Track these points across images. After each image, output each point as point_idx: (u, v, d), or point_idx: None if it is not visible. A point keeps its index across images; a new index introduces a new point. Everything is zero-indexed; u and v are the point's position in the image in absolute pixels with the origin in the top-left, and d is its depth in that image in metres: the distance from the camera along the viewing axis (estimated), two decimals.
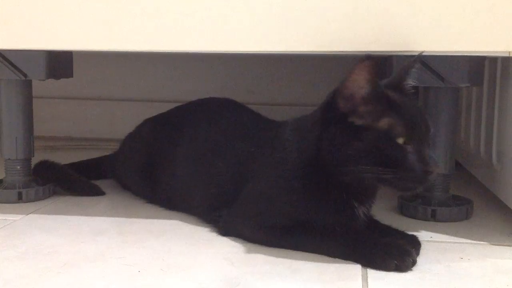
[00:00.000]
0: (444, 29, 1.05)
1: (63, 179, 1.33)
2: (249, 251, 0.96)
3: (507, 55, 1.05)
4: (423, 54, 1.02)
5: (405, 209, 1.19)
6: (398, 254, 0.89)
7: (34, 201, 1.24)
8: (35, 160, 1.31)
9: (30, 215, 1.15)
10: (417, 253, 0.94)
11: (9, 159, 1.26)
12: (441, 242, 1.03)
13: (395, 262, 0.88)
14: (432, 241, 1.03)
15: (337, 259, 0.92)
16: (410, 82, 0.97)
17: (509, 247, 1.02)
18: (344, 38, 1.07)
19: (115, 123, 2.02)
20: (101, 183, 1.35)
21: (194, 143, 1.17)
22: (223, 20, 1.10)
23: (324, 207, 0.96)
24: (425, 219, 1.15)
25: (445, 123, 1.14)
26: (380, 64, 1.19)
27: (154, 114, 1.36)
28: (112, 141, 1.54)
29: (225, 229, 1.04)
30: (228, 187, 1.07)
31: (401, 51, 1.06)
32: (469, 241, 1.04)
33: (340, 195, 0.95)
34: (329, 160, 0.93)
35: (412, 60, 0.98)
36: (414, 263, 0.89)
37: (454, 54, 1.07)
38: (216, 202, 1.07)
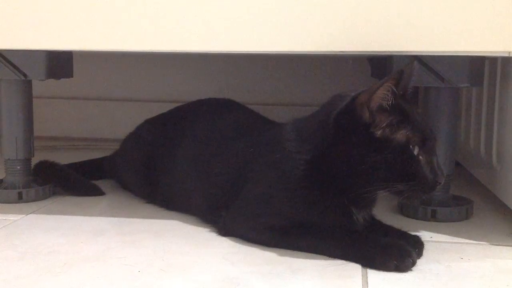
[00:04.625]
0: (444, 29, 1.05)
1: (63, 179, 1.33)
2: (249, 251, 0.96)
3: (507, 55, 1.05)
4: (424, 54, 1.02)
5: (405, 209, 1.18)
6: (398, 254, 0.89)
7: (34, 201, 1.25)
8: (35, 160, 1.31)
9: (30, 215, 1.15)
10: (420, 254, 0.94)
11: (9, 159, 1.26)
12: (441, 242, 1.03)
13: (395, 262, 0.88)
14: (432, 241, 1.03)
15: (337, 259, 0.92)
16: (410, 87, 0.96)
17: (509, 247, 1.02)
18: (344, 38, 1.07)
19: (115, 123, 2.01)
20: (101, 183, 1.35)
21: (194, 143, 1.17)
22: (222, 20, 1.10)
23: (323, 211, 0.96)
24: (425, 219, 1.15)
25: (445, 123, 1.14)
26: (381, 65, 1.19)
27: (154, 114, 1.36)
28: (112, 141, 1.54)
29: (225, 229, 1.04)
30: (227, 188, 1.06)
31: (401, 51, 1.06)
32: (469, 241, 1.04)
33: (338, 201, 0.95)
34: (339, 169, 0.92)
35: (411, 65, 0.95)
36: (414, 263, 0.89)
37: (454, 54, 1.07)
38: (216, 203, 1.07)
